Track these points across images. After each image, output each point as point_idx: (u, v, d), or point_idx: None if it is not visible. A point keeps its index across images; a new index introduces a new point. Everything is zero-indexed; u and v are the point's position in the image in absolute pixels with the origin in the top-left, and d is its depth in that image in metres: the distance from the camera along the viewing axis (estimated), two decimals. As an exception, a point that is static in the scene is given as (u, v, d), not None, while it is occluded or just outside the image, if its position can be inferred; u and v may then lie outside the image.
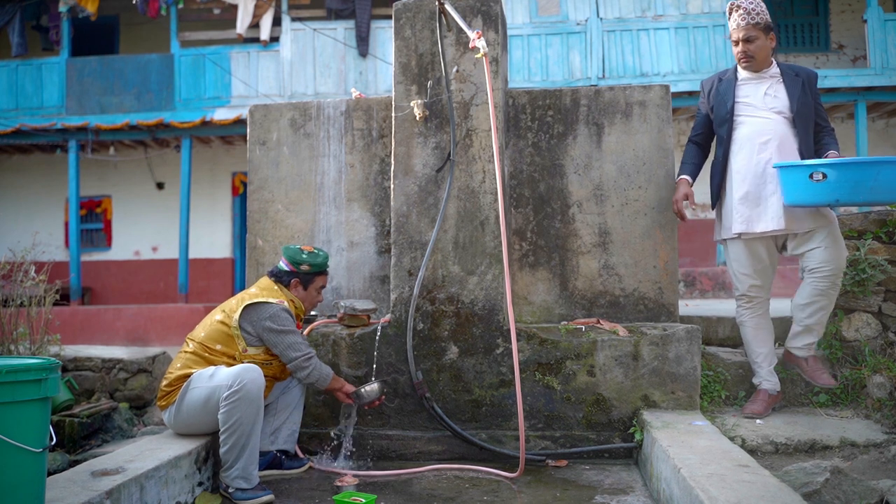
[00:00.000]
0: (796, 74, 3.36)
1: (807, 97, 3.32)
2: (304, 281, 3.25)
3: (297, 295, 3.25)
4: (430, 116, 3.65)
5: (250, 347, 3.05)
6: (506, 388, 3.47)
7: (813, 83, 3.35)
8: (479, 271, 3.56)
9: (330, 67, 10.88)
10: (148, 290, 12.42)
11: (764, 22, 3.31)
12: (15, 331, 4.90)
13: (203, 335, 3.07)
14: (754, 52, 3.32)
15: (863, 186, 2.99)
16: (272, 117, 4.12)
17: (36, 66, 11.40)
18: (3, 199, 12.88)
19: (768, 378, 3.42)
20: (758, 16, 3.30)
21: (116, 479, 2.44)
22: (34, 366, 2.04)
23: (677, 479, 2.42)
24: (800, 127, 3.31)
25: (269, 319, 3.03)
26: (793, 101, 3.31)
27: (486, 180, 3.59)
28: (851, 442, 2.96)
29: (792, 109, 3.31)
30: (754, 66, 3.35)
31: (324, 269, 3.31)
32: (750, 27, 3.29)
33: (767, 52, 3.34)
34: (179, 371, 3.02)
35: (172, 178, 12.35)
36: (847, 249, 3.39)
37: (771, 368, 3.43)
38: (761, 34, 3.31)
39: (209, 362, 3.01)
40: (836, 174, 3.00)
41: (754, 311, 3.43)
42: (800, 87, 3.32)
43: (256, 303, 3.07)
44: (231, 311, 3.07)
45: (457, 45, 3.65)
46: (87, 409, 4.56)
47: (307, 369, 3.07)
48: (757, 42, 3.31)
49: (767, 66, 3.38)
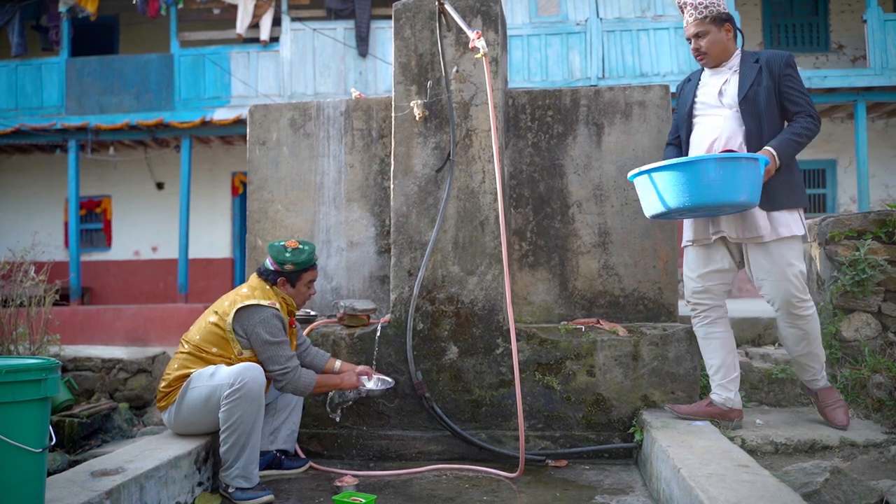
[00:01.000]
0: (756, 60, 3.10)
1: (764, 82, 3.03)
2: (290, 279, 3.19)
3: (287, 292, 3.20)
4: (430, 116, 3.65)
5: (245, 350, 3.03)
6: (505, 388, 3.47)
7: (776, 66, 3.03)
8: (479, 271, 3.56)
9: (330, 67, 10.88)
10: (148, 290, 12.42)
11: (713, 14, 3.08)
12: (14, 331, 4.90)
13: (198, 338, 3.06)
14: (707, 48, 3.12)
15: (687, 190, 2.73)
16: (272, 117, 4.12)
17: (35, 66, 11.40)
18: (2, 199, 12.88)
19: (717, 392, 3.15)
20: (706, 9, 3.09)
21: (116, 480, 2.43)
22: (34, 366, 2.03)
23: (677, 479, 2.42)
24: (748, 118, 3.04)
25: (260, 325, 3.00)
26: (741, 90, 3.06)
27: (486, 180, 3.59)
28: (851, 442, 2.96)
29: (739, 101, 3.06)
30: (709, 61, 3.16)
31: (309, 264, 3.20)
32: (699, 22, 3.11)
33: (723, 45, 3.12)
34: (177, 372, 3.02)
35: (172, 178, 12.35)
36: (804, 263, 3.07)
37: (724, 382, 3.14)
38: (712, 27, 3.09)
39: (206, 362, 3.01)
40: (655, 179, 2.80)
41: (701, 320, 3.20)
42: (755, 73, 3.05)
43: (248, 305, 3.03)
44: (224, 314, 3.05)
45: (456, 46, 3.65)
46: (87, 410, 4.56)
47: (282, 382, 3.04)
48: (709, 37, 3.10)
49: (727, 59, 3.15)
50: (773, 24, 12.07)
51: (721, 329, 3.18)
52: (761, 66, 3.06)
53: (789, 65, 3.05)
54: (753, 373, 3.56)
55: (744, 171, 2.74)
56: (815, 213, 11.40)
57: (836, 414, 3.11)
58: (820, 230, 3.72)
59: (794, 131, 2.97)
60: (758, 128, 3.03)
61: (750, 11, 11.76)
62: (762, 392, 3.55)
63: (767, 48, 12.09)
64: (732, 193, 2.74)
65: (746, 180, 2.75)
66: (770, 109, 3.03)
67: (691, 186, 2.73)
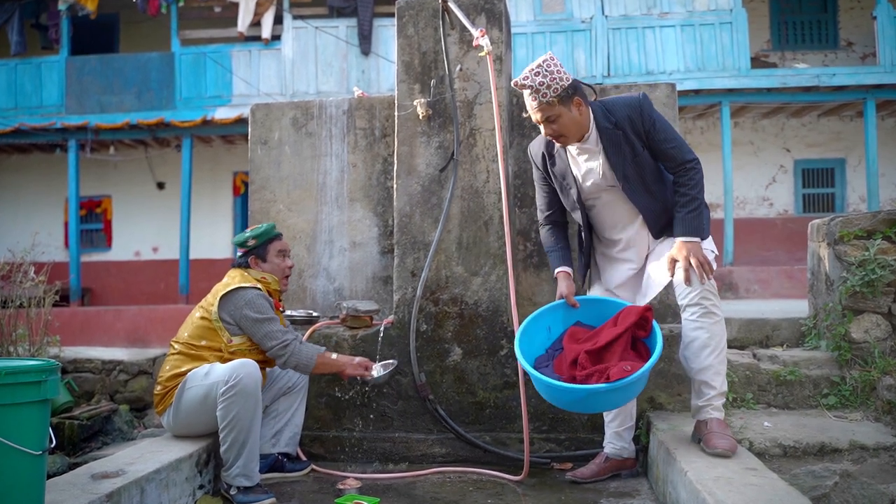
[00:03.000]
0: (614, 124, 2.75)
1: (637, 150, 2.74)
2: (258, 254, 3.20)
3: (263, 269, 3.20)
4: (434, 115, 3.62)
5: (234, 337, 3.01)
6: (510, 390, 3.44)
7: (638, 123, 2.72)
8: (483, 272, 3.53)
9: (332, 66, 10.85)
10: (148, 290, 12.39)
11: (558, 94, 2.67)
12: (14, 332, 4.87)
13: (187, 335, 3.06)
14: (563, 131, 2.75)
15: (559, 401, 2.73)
16: (274, 116, 4.08)
17: (35, 65, 11.37)
18: (2, 199, 12.86)
19: (611, 441, 3.04)
20: (549, 89, 2.66)
21: (116, 482, 2.41)
22: (33, 367, 2.01)
23: (684, 483, 2.38)
24: (637, 196, 2.79)
25: (247, 306, 2.99)
26: (617, 173, 2.77)
27: (490, 180, 3.55)
28: (861, 445, 2.92)
29: (622, 184, 2.78)
30: (569, 140, 2.80)
31: (271, 235, 3.24)
32: (544, 107, 2.69)
33: (577, 122, 2.74)
34: (170, 372, 3.00)
35: (173, 177, 12.32)
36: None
37: (620, 430, 3.02)
38: (561, 109, 2.70)
39: (197, 359, 2.99)
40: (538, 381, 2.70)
41: None
42: (621, 144, 2.75)
43: (231, 291, 3.03)
44: (209, 305, 3.05)
45: (460, 44, 3.61)
46: (87, 412, 4.53)
47: (284, 357, 3.01)
48: (560, 119, 2.71)
49: (586, 131, 2.78)
50: (781, 21, 12.04)
51: None
52: (623, 132, 2.74)
53: (647, 114, 2.73)
54: (761, 374, 3.52)
55: (639, 383, 2.66)
56: (824, 213, 11.39)
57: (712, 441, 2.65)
58: (829, 230, 3.68)
59: (683, 203, 2.70)
60: (652, 198, 2.81)
61: (757, 8, 11.72)
62: (770, 394, 3.51)
63: (775, 46, 12.00)
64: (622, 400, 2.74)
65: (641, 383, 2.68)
66: (653, 172, 2.80)
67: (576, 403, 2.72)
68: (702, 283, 2.64)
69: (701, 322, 2.67)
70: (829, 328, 3.66)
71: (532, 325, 2.90)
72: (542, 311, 2.95)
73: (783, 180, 11.91)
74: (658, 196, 2.81)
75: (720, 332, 2.68)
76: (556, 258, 3.07)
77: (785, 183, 11.91)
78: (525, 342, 2.82)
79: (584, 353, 2.65)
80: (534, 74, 2.68)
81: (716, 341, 2.66)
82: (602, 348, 2.66)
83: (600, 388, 2.53)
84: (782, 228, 11.62)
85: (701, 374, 2.70)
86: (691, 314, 2.68)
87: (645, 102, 2.75)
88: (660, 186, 2.82)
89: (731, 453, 2.56)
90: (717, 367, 2.68)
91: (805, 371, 3.53)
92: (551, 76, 2.66)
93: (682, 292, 2.71)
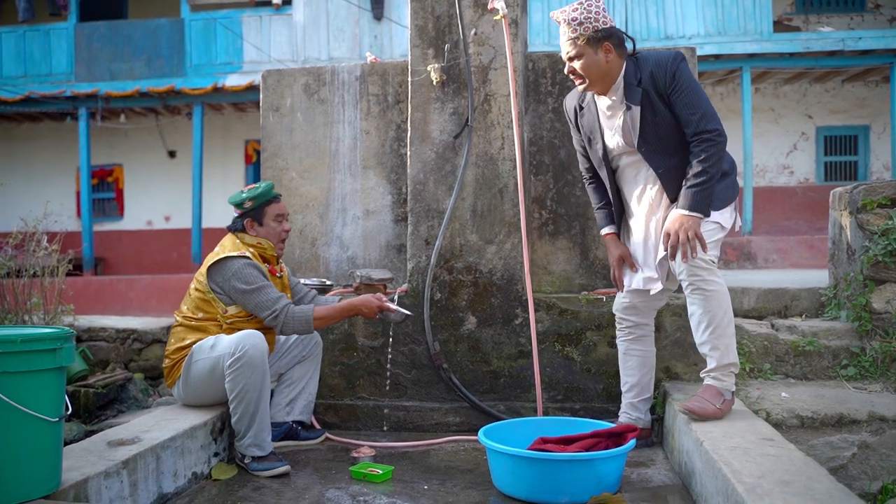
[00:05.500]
0: (638, 82, 2.67)
1: (658, 111, 2.66)
2: (255, 217, 3.11)
3: (259, 234, 3.11)
4: (448, 81, 3.55)
5: (229, 307, 2.98)
6: (524, 359, 3.42)
7: (662, 82, 2.63)
8: (498, 240, 3.49)
9: (344, 31, 10.70)
10: (161, 259, 12.43)
11: (587, 35, 2.62)
12: (29, 301, 4.88)
13: (185, 308, 3.05)
14: (583, 71, 2.68)
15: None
16: (285, 83, 4.02)
17: (44, 32, 11.28)
18: (13, 168, 12.87)
19: (626, 411, 3.03)
20: (580, 26, 2.62)
21: (133, 449, 2.42)
22: (49, 335, 2.01)
23: (699, 453, 2.37)
24: (657, 158, 2.71)
25: (234, 277, 2.93)
26: (635, 134, 2.69)
27: (505, 147, 3.49)
28: (880, 416, 2.89)
29: (637, 146, 2.71)
30: (589, 86, 2.73)
31: (268, 196, 3.12)
32: (571, 42, 2.65)
33: (601, 68, 2.66)
34: (174, 345, 3.00)
35: (184, 146, 12.28)
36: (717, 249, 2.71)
37: (635, 401, 3.02)
38: (587, 49, 2.64)
39: (199, 330, 2.98)
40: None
41: (625, 335, 3.02)
42: (642, 104, 2.66)
43: (218, 261, 2.99)
44: (201, 276, 3.03)
45: (475, 7, 3.53)
46: (102, 380, 4.55)
47: (279, 324, 2.96)
48: (583, 59, 2.65)
49: (612, 82, 2.71)
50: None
51: (642, 347, 3.02)
52: (645, 90, 2.66)
53: (671, 73, 2.63)
54: (780, 345, 3.48)
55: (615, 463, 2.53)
56: (847, 181, 11.21)
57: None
58: (851, 198, 3.61)
59: (692, 174, 2.61)
60: (673, 162, 2.71)
61: (781, -30, 11.43)
62: (788, 365, 3.48)
63: (799, 10, 11.68)
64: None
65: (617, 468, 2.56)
66: (676, 136, 2.69)
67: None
68: (684, 260, 2.61)
69: (692, 298, 2.66)
70: (849, 298, 3.60)
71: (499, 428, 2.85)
72: (506, 422, 2.96)
73: (804, 148, 11.71)
74: (682, 162, 2.72)
75: (714, 307, 2.62)
76: (602, 216, 3.02)
77: (806, 150, 11.71)
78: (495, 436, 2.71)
79: (552, 445, 2.66)
80: (571, 9, 2.65)
81: (709, 317, 2.63)
82: (570, 440, 2.67)
83: (557, 457, 2.45)
84: (803, 197, 11.45)
85: (701, 347, 2.73)
86: (685, 290, 2.69)
87: (674, 62, 2.65)
88: (685, 152, 2.71)
89: (695, 416, 2.61)
90: (713, 342, 2.66)
91: (824, 341, 3.48)
92: (587, 14, 2.63)
93: (673, 267, 2.69)
